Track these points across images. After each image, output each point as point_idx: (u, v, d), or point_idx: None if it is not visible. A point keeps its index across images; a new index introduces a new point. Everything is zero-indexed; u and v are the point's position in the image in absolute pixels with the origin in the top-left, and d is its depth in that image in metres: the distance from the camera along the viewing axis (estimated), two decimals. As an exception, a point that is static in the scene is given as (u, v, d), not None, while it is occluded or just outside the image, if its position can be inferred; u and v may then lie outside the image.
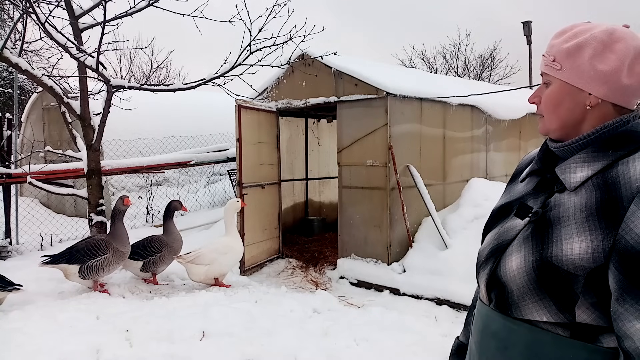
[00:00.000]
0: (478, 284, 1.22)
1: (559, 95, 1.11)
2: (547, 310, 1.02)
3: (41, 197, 9.11)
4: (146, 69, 20.05)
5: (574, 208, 1.02)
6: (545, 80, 1.15)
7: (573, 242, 0.99)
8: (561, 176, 1.08)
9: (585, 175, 1.04)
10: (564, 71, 1.09)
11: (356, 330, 3.77)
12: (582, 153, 1.08)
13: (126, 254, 4.83)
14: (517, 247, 1.08)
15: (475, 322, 1.21)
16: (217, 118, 9.69)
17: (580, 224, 0.99)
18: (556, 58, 1.10)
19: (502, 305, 1.10)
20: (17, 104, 7.24)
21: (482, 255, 1.20)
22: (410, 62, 22.94)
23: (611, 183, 0.99)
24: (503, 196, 1.29)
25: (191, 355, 3.17)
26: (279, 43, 5.41)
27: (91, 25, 5.34)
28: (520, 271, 1.05)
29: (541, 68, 1.15)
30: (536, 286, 1.02)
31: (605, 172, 1.02)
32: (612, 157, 1.03)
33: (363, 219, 6.12)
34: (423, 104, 6.31)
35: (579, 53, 1.07)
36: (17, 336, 3.33)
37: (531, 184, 1.19)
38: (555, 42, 1.12)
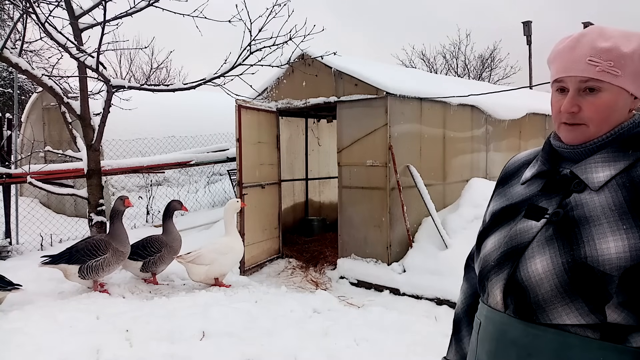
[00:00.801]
0: (484, 291, 1.16)
1: (616, 102, 1.07)
2: (578, 313, 0.98)
3: (41, 197, 9.10)
4: (146, 69, 20.06)
5: (601, 207, 1.01)
6: (590, 85, 1.06)
7: (608, 241, 0.97)
8: (582, 176, 1.06)
9: (609, 175, 1.03)
10: (622, 77, 1.05)
11: (356, 330, 3.77)
12: (601, 153, 1.07)
13: (126, 254, 4.83)
14: (540, 249, 1.04)
15: (483, 330, 1.15)
16: (217, 118, 9.69)
17: (614, 223, 0.98)
18: (614, 63, 1.05)
19: (524, 310, 1.05)
20: (17, 104, 7.24)
21: (489, 259, 1.14)
22: (410, 62, 22.94)
23: (638, 182, 1.00)
24: (499, 199, 1.26)
25: (191, 355, 3.17)
26: (279, 43, 5.41)
27: (91, 25, 5.34)
28: (549, 274, 1.01)
29: (587, 73, 1.06)
30: (568, 288, 0.99)
31: (629, 172, 1.02)
32: (633, 157, 1.04)
33: (363, 219, 6.12)
34: (423, 104, 6.31)
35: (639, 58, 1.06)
36: (17, 336, 3.33)
37: (536, 185, 1.16)
38: (607, 45, 1.05)
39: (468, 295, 1.38)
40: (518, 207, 1.15)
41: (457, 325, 1.38)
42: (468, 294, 1.38)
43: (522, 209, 1.14)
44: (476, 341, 1.18)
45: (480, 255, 1.19)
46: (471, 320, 1.32)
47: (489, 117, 7.58)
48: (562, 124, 1.12)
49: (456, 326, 1.38)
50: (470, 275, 1.40)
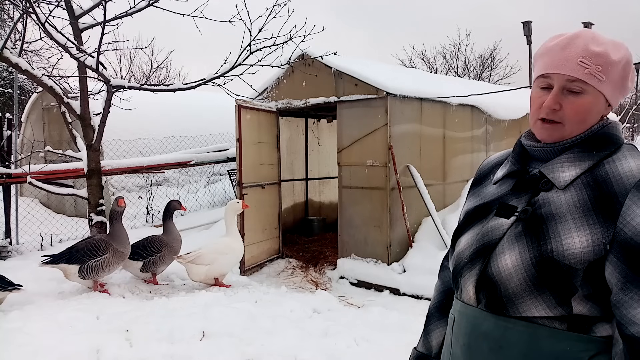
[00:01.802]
0: (458, 287, 1.20)
1: (594, 106, 1.10)
2: (546, 305, 1.03)
3: (41, 197, 9.10)
4: (146, 69, 20.07)
5: (567, 205, 1.06)
6: (576, 87, 1.09)
7: (572, 236, 1.02)
8: (549, 175, 1.11)
9: (574, 174, 1.08)
10: (605, 83, 1.09)
11: (356, 330, 3.77)
12: (567, 154, 1.12)
13: (126, 254, 4.83)
14: (509, 245, 1.08)
15: (457, 325, 1.19)
16: (217, 118, 9.68)
17: (578, 219, 1.03)
18: (602, 68, 1.08)
19: (495, 304, 1.09)
20: (17, 104, 7.24)
21: (462, 256, 1.18)
22: (410, 62, 22.96)
23: (602, 181, 1.05)
24: (471, 199, 1.30)
25: (191, 355, 3.17)
26: (279, 43, 5.41)
27: (91, 25, 5.34)
28: (518, 268, 1.05)
29: (575, 74, 1.08)
30: (536, 282, 1.03)
31: (593, 171, 1.07)
32: (596, 157, 1.09)
33: (363, 219, 6.12)
34: (423, 104, 6.31)
35: (623, 68, 1.10)
36: (17, 336, 3.33)
37: (507, 185, 1.20)
38: (599, 50, 1.08)
39: (440, 292, 1.43)
40: (490, 206, 1.19)
41: (428, 319, 1.43)
42: (440, 291, 1.43)
43: (494, 208, 1.17)
44: (451, 336, 1.21)
45: (454, 253, 1.23)
46: (442, 316, 1.38)
47: (489, 117, 7.57)
48: (539, 120, 1.14)
49: (427, 320, 1.43)
50: (444, 273, 1.44)
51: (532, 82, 1.23)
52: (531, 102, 1.18)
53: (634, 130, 23.34)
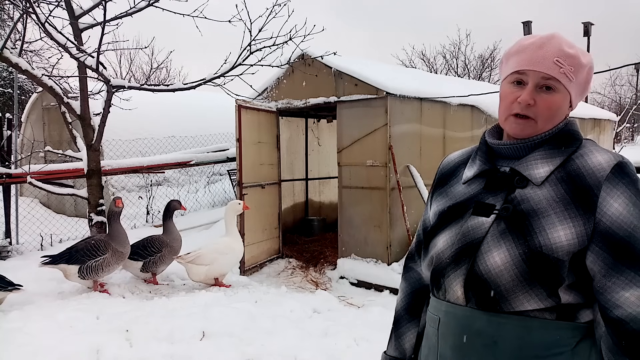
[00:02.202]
0: (440, 288, 1.19)
1: (563, 104, 1.17)
2: (537, 298, 1.07)
3: (41, 197, 9.10)
4: (146, 69, 20.07)
5: (546, 200, 1.10)
6: (550, 84, 1.14)
7: (557, 230, 1.07)
8: (525, 172, 1.15)
9: (548, 170, 1.13)
10: (573, 84, 1.16)
11: (356, 330, 3.77)
12: (539, 151, 1.17)
13: (125, 254, 4.83)
14: (495, 243, 1.10)
15: (444, 326, 1.18)
16: (217, 118, 9.68)
17: (560, 213, 1.08)
18: (574, 69, 1.15)
19: (486, 302, 1.10)
20: (17, 104, 7.24)
21: (442, 257, 1.18)
22: (410, 62, 22.96)
23: (575, 175, 1.11)
24: (440, 200, 1.31)
25: (191, 355, 3.17)
26: (279, 43, 5.41)
27: (91, 25, 5.34)
28: (508, 265, 1.07)
29: (551, 72, 1.14)
30: (527, 277, 1.06)
31: (564, 167, 1.13)
32: (565, 153, 1.15)
33: (363, 219, 6.11)
34: (423, 104, 6.31)
35: (587, 72, 1.18)
36: (17, 336, 3.33)
37: (477, 184, 1.23)
38: (572, 52, 1.15)
39: (408, 294, 1.43)
40: (465, 205, 1.21)
41: (398, 322, 1.43)
42: (407, 293, 1.43)
43: (469, 207, 1.19)
44: (436, 337, 1.21)
45: (431, 254, 1.23)
46: (412, 318, 1.40)
47: (489, 117, 7.57)
48: (512, 116, 1.18)
49: (397, 323, 1.43)
50: (410, 274, 1.44)
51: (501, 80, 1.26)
52: (502, 98, 1.21)
53: (634, 130, 23.32)
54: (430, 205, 1.38)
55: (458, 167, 1.34)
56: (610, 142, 11.71)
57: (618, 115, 17.68)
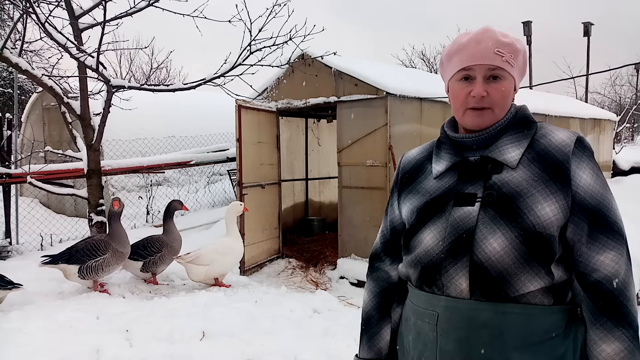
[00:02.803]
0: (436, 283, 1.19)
1: (510, 89, 1.24)
2: (538, 277, 1.12)
3: (41, 197, 9.10)
4: (146, 69, 20.06)
5: (525, 181, 1.15)
6: (496, 74, 1.21)
7: (544, 207, 1.12)
8: (499, 158, 1.19)
9: (520, 153, 1.19)
10: (515, 69, 1.24)
11: (356, 331, 3.75)
12: (506, 137, 1.22)
13: (126, 254, 4.83)
14: (489, 230, 1.14)
15: (444, 321, 1.17)
16: (217, 118, 9.68)
17: (542, 191, 1.13)
18: (513, 56, 1.22)
19: (491, 290, 1.13)
20: (17, 104, 7.24)
21: (433, 253, 1.19)
22: (410, 62, 22.96)
23: (544, 154, 1.17)
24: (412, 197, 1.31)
25: (191, 355, 3.17)
26: (279, 43, 5.40)
27: (91, 25, 5.34)
28: (507, 249, 1.11)
29: (495, 62, 1.20)
30: (527, 257, 1.11)
31: (532, 148, 1.20)
32: (528, 136, 1.21)
33: (363, 219, 6.12)
34: (423, 104, 6.31)
35: (523, 55, 1.26)
36: (17, 336, 3.33)
37: (449, 176, 1.25)
38: (507, 41, 1.22)
39: (377, 294, 1.42)
40: (443, 198, 1.23)
41: (369, 323, 1.42)
42: (376, 293, 1.42)
43: (449, 199, 1.22)
44: (434, 332, 1.19)
45: (417, 252, 1.24)
46: (382, 317, 1.40)
47: (489, 117, 7.58)
48: (469, 109, 1.23)
49: (367, 324, 1.43)
50: (377, 274, 1.44)
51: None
52: (454, 96, 1.27)
53: (634, 130, 23.31)
54: (398, 204, 1.39)
55: (422, 164, 1.36)
56: (610, 142, 11.70)
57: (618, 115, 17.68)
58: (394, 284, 1.40)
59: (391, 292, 1.40)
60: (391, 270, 1.41)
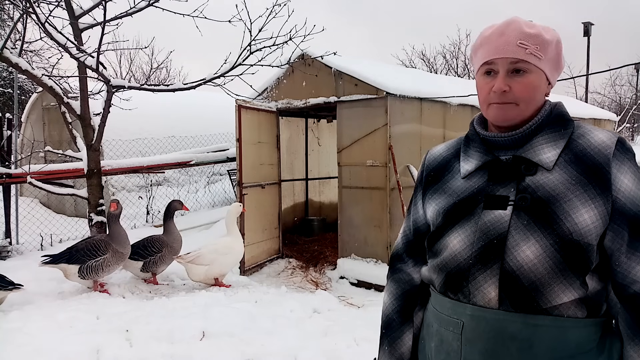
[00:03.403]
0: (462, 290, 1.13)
1: (539, 83, 1.15)
2: (572, 288, 1.05)
3: (41, 197, 9.10)
4: (146, 69, 20.09)
5: (562, 184, 1.08)
6: (520, 67, 1.13)
7: (582, 213, 1.04)
8: (534, 158, 1.12)
9: (556, 154, 1.11)
10: (544, 61, 1.14)
11: (356, 330, 3.77)
12: (541, 136, 1.15)
13: (126, 254, 4.83)
14: (522, 236, 1.06)
15: (470, 331, 1.12)
16: (217, 118, 9.68)
17: (580, 196, 1.06)
18: (540, 47, 1.13)
19: (522, 301, 1.06)
20: (17, 104, 7.23)
21: (461, 258, 1.13)
22: (410, 62, 22.97)
23: (582, 156, 1.10)
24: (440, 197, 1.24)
25: (191, 355, 3.17)
26: (279, 43, 5.40)
27: (91, 25, 5.34)
28: (541, 257, 1.04)
29: (518, 55, 1.13)
30: (562, 267, 1.04)
31: (569, 148, 1.12)
32: (565, 135, 1.14)
33: (363, 219, 6.12)
34: (423, 104, 6.31)
35: (556, 46, 1.17)
36: (17, 336, 3.33)
37: (479, 176, 1.18)
38: (533, 31, 1.14)
39: (398, 297, 1.36)
40: (473, 200, 1.16)
41: (390, 327, 1.36)
42: (397, 295, 1.36)
43: (479, 201, 1.14)
44: (458, 341, 1.14)
45: (443, 256, 1.17)
46: (403, 321, 1.34)
47: (489, 117, 7.58)
48: (493, 104, 1.16)
49: (388, 327, 1.37)
50: (399, 276, 1.38)
51: (475, 74, 1.26)
52: (479, 90, 1.20)
53: (634, 130, 23.32)
54: (423, 203, 1.32)
55: (449, 161, 1.29)
56: (610, 142, 11.68)
57: (618, 115, 17.69)
58: (416, 287, 1.34)
59: (413, 295, 1.34)
60: (414, 272, 1.35)
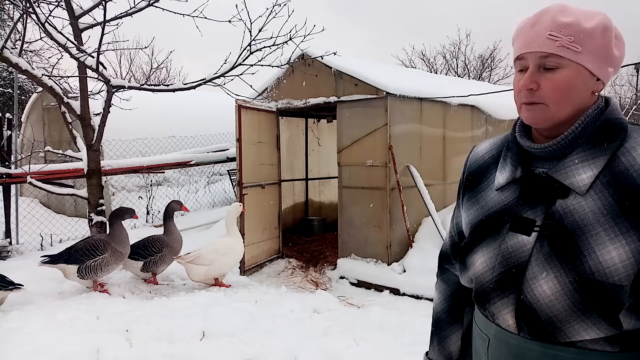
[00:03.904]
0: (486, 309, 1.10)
1: (576, 80, 1.00)
2: (596, 327, 0.94)
3: (41, 197, 9.10)
4: (146, 69, 20.09)
5: (592, 213, 0.95)
6: (550, 62, 1.00)
7: (609, 251, 0.92)
8: (566, 181, 0.99)
9: (592, 175, 0.97)
10: (583, 54, 0.99)
11: (356, 330, 3.77)
12: (578, 152, 1.01)
13: (125, 254, 4.82)
14: (541, 269, 0.98)
15: (494, 349, 1.10)
16: (217, 118, 9.69)
17: (610, 229, 0.93)
18: (575, 39, 0.98)
19: (540, 332, 0.99)
20: (17, 104, 7.24)
21: (484, 280, 1.08)
22: (410, 62, 22.96)
23: (622, 178, 0.94)
24: (472, 206, 1.18)
25: (191, 355, 3.17)
26: (279, 43, 5.40)
27: (91, 25, 5.33)
28: (558, 295, 0.95)
29: (547, 49, 0.99)
30: (581, 307, 0.94)
31: (609, 168, 0.96)
32: (609, 150, 0.97)
33: (363, 219, 6.12)
34: (423, 104, 6.31)
35: (601, 35, 1.00)
36: (17, 336, 3.33)
37: (512, 191, 1.09)
38: (568, 20, 0.99)
39: (447, 297, 1.35)
40: (500, 219, 1.08)
41: (439, 325, 1.35)
42: (447, 295, 1.35)
43: (506, 221, 1.07)
44: (486, 356, 1.13)
45: (470, 274, 1.14)
46: (453, 321, 1.32)
47: (489, 117, 7.57)
48: (523, 104, 1.05)
49: (438, 326, 1.35)
50: (447, 276, 1.36)
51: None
52: (514, 88, 1.09)
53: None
54: (462, 207, 1.26)
55: (489, 167, 1.19)
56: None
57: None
58: (464, 288, 1.30)
59: (462, 295, 1.32)
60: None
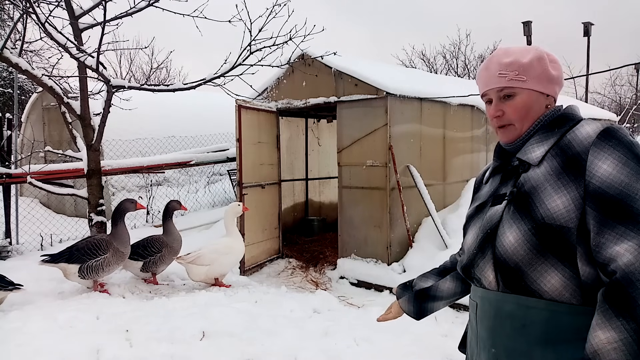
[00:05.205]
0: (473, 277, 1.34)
1: (529, 102, 1.31)
2: (556, 270, 1.15)
3: (41, 197, 9.10)
4: (146, 69, 20.10)
5: (543, 175, 1.21)
6: (506, 93, 1.31)
7: (554, 199, 1.16)
8: (524, 157, 1.27)
9: (544, 150, 1.24)
10: (529, 81, 1.30)
11: (356, 330, 3.77)
12: (535, 138, 1.29)
13: (126, 254, 4.82)
14: (508, 225, 1.22)
15: (480, 310, 1.31)
16: (217, 118, 9.69)
17: (554, 183, 1.18)
18: (519, 72, 1.30)
19: (512, 281, 1.21)
20: (17, 104, 7.24)
21: (471, 249, 1.33)
22: (410, 62, 22.96)
23: (566, 147, 1.21)
24: (472, 204, 1.47)
25: (191, 355, 3.17)
26: (279, 43, 5.40)
27: (91, 25, 5.33)
28: (520, 241, 1.18)
29: (501, 84, 1.31)
30: (539, 248, 1.16)
31: (558, 144, 1.23)
32: (559, 133, 1.25)
33: (363, 219, 6.11)
34: (423, 104, 6.31)
35: (538, 64, 1.31)
36: (17, 336, 3.33)
37: (496, 180, 1.38)
38: (509, 60, 1.30)
39: (444, 262, 1.72)
40: (486, 202, 1.37)
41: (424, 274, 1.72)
42: (444, 262, 1.72)
43: (488, 202, 1.35)
44: (475, 321, 1.35)
45: (463, 250, 1.42)
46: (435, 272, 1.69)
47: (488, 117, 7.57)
48: (497, 128, 1.36)
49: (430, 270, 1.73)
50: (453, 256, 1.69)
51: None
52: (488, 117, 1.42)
53: (634, 130, 23.32)
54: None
55: (484, 173, 1.53)
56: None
57: (618, 115, 17.68)
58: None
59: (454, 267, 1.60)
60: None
